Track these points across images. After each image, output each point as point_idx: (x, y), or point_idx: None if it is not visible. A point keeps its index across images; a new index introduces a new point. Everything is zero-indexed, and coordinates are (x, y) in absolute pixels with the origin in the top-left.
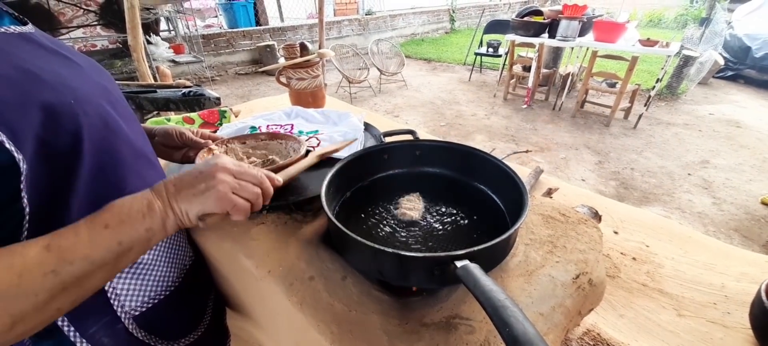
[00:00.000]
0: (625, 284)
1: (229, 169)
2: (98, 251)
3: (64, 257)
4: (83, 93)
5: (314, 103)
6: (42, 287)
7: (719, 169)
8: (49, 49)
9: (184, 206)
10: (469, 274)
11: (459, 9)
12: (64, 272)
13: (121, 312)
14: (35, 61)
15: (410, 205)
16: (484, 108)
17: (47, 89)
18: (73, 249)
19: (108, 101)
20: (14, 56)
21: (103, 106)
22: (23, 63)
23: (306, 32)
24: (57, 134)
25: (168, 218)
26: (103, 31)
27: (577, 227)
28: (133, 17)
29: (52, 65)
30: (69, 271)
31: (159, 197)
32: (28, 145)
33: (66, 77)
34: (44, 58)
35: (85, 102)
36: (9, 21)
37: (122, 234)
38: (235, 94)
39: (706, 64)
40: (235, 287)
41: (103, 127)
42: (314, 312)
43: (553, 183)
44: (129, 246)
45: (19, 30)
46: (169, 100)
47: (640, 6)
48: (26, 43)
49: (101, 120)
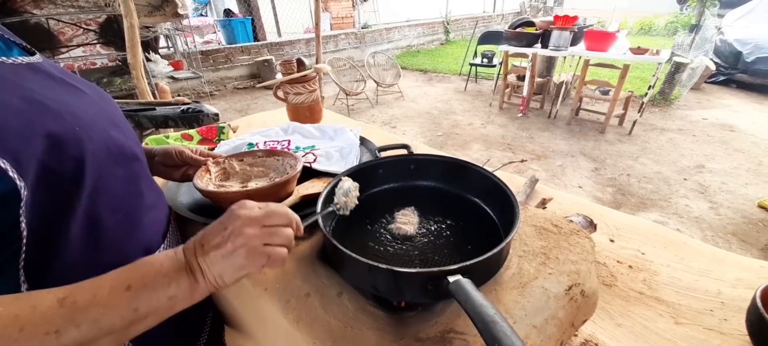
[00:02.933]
0: (622, 292)
1: (255, 217)
2: (110, 316)
3: (73, 318)
4: (88, 120)
5: (311, 117)
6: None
7: (715, 173)
8: (56, 78)
9: (217, 270)
10: (460, 289)
11: (453, 21)
12: (67, 335)
13: None
14: (42, 91)
15: (405, 219)
16: (480, 117)
17: (53, 118)
18: (85, 310)
19: (114, 126)
20: (22, 86)
21: (107, 131)
22: (30, 93)
23: (303, 46)
24: (61, 161)
25: (198, 286)
26: (103, 50)
27: (569, 237)
28: (133, 36)
29: (59, 94)
30: (72, 335)
31: (188, 261)
32: (30, 171)
33: (72, 105)
34: (51, 88)
35: (90, 128)
36: (18, 52)
37: (141, 300)
38: (233, 109)
39: (697, 69)
40: (232, 304)
41: (107, 155)
42: (310, 329)
43: (548, 193)
44: (145, 314)
45: (27, 60)
46: (167, 117)
47: (631, 15)
48: (34, 73)
49: (105, 146)
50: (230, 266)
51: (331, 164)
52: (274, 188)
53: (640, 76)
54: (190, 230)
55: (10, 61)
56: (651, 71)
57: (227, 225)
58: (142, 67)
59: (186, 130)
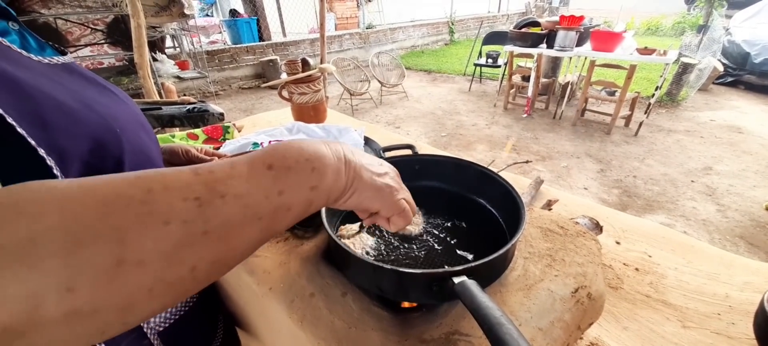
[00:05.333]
0: (629, 295)
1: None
2: (255, 193)
3: (214, 188)
4: (125, 122)
5: (316, 117)
6: (176, 215)
7: (722, 175)
8: (89, 79)
9: (358, 184)
10: (466, 290)
11: (458, 21)
12: (210, 207)
13: (147, 328)
14: (83, 91)
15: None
16: (485, 118)
17: (98, 118)
18: (225, 182)
19: (142, 128)
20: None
21: (139, 133)
22: (79, 94)
23: (308, 46)
24: (103, 160)
25: (339, 181)
26: (110, 49)
27: (575, 239)
28: (140, 36)
29: (96, 95)
30: (217, 208)
31: (335, 153)
32: (74, 171)
33: (110, 106)
34: (88, 88)
35: (127, 131)
36: (51, 52)
37: (286, 183)
38: (238, 108)
39: (705, 70)
40: (238, 304)
41: (140, 154)
42: (315, 329)
43: (554, 194)
44: (289, 204)
45: (62, 60)
46: (173, 116)
47: (638, 15)
48: (70, 73)
49: (139, 146)
50: (371, 189)
51: None
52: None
53: (646, 77)
54: None
55: (46, 60)
56: (658, 72)
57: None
58: (148, 67)
59: (191, 129)
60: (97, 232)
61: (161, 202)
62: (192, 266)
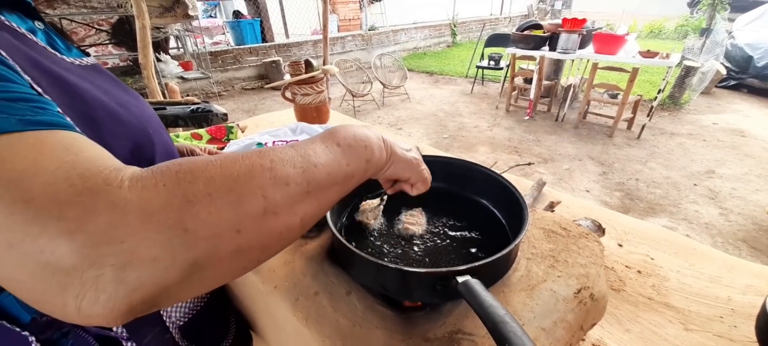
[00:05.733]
0: (631, 297)
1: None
2: (333, 164)
3: (308, 159)
4: (154, 123)
5: (318, 118)
6: (292, 178)
7: (725, 179)
8: (115, 80)
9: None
10: (469, 289)
11: (460, 23)
12: (308, 173)
13: (169, 322)
14: (116, 93)
15: (413, 219)
16: (487, 120)
17: (136, 120)
18: (315, 155)
19: (163, 129)
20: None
21: (162, 134)
22: (115, 96)
23: (310, 48)
24: (139, 161)
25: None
26: (115, 50)
27: (578, 240)
28: (145, 36)
29: (126, 96)
30: (313, 174)
31: (375, 135)
32: None
33: (140, 108)
34: (117, 89)
35: (156, 132)
36: (77, 52)
37: (350, 157)
38: (241, 109)
39: (708, 74)
40: (245, 304)
41: (165, 154)
42: (319, 327)
43: (556, 196)
44: (353, 172)
45: (91, 62)
46: (178, 116)
47: (640, 18)
48: (99, 74)
49: (164, 147)
50: (403, 161)
51: None
52: None
53: (649, 80)
54: None
55: (78, 62)
56: (661, 75)
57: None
58: (152, 68)
59: (195, 129)
60: (250, 189)
61: (281, 170)
62: (301, 217)
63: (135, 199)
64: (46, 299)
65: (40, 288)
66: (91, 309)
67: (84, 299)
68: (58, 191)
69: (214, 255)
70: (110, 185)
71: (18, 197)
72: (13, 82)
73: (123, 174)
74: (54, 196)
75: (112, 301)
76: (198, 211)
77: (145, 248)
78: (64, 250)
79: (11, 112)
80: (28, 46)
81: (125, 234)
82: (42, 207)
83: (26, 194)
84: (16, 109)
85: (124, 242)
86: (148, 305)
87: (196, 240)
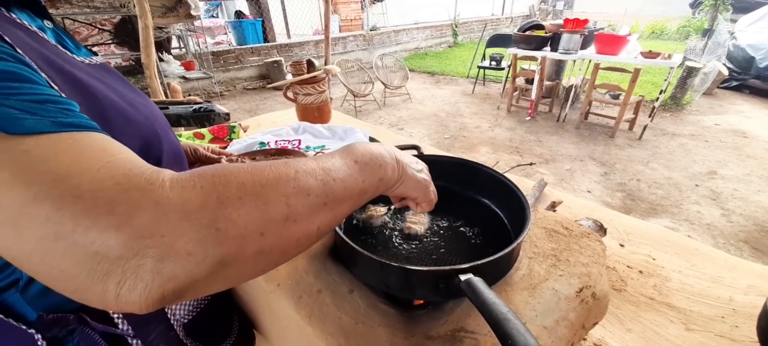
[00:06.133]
0: (632, 297)
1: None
2: (349, 180)
3: (328, 173)
4: (162, 122)
5: (320, 118)
6: (313, 189)
7: (727, 179)
8: (123, 80)
9: (405, 178)
10: (472, 287)
11: (461, 23)
12: (327, 186)
13: (173, 320)
14: (125, 92)
15: (415, 219)
16: (488, 120)
17: (144, 119)
18: (334, 170)
19: (169, 128)
20: (114, 88)
21: (168, 133)
22: (124, 95)
23: (312, 48)
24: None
25: (394, 174)
26: (117, 50)
27: (580, 240)
28: (147, 36)
29: (134, 95)
30: (331, 187)
31: (390, 154)
32: None
33: (148, 107)
34: (126, 88)
35: (163, 131)
36: (86, 52)
37: (365, 174)
38: (243, 109)
39: (710, 74)
40: (248, 302)
41: (172, 153)
42: (322, 325)
43: (558, 196)
44: (366, 188)
45: (100, 61)
46: (180, 116)
47: (642, 18)
48: (108, 73)
49: (171, 146)
50: (413, 180)
51: None
52: None
53: (651, 81)
54: None
55: (87, 61)
56: (662, 76)
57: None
58: (155, 67)
59: (198, 128)
60: (275, 197)
61: (304, 181)
62: (318, 226)
63: (176, 197)
64: (87, 286)
65: (84, 275)
66: (129, 296)
67: (124, 286)
68: (105, 188)
69: (240, 254)
70: (153, 183)
71: (67, 193)
72: (37, 83)
73: (163, 176)
74: (102, 192)
75: (148, 289)
76: (229, 213)
77: (182, 242)
78: (112, 241)
79: (44, 113)
80: (41, 43)
81: (166, 229)
82: (92, 203)
83: (75, 191)
84: (47, 111)
85: (164, 236)
86: (177, 295)
87: (226, 239)
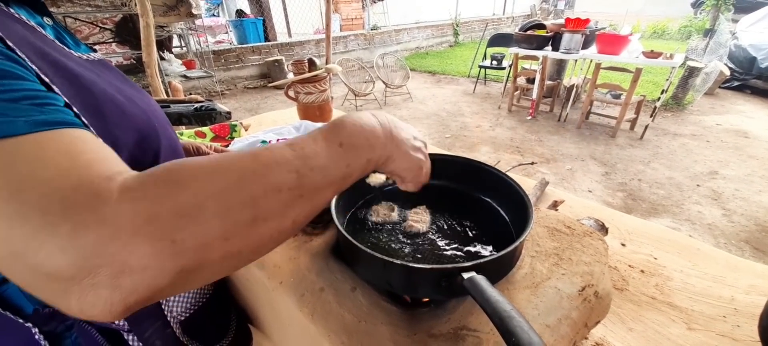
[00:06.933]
0: (634, 296)
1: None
2: (332, 166)
3: (306, 163)
4: (161, 118)
5: (321, 117)
6: (285, 184)
7: (728, 180)
8: (122, 76)
9: (396, 156)
10: (475, 285)
11: (462, 23)
12: (304, 178)
13: (170, 317)
14: (123, 87)
15: (417, 217)
16: (489, 120)
17: (141, 113)
18: (314, 157)
19: (168, 124)
20: (111, 82)
21: (168, 129)
22: (122, 89)
23: (313, 47)
24: (144, 152)
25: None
26: (118, 48)
27: (582, 239)
28: (148, 35)
29: (133, 91)
30: (308, 177)
31: (384, 128)
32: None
33: (146, 102)
34: (125, 84)
35: (163, 126)
36: (85, 48)
37: (351, 157)
38: (244, 108)
39: (711, 74)
40: (248, 299)
41: (170, 149)
42: (325, 323)
43: (559, 195)
44: (352, 172)
45: (98, 57)
46: (181, 114)
47: (644, 18)
48: (107, 69)
49: (170, 142)
50: (405, 160)
51: None
52: None
53: (652, 81)
54: None
55: (85, 57)
56: (664, 75)
57: (415, 135)
58: (156, 66)
59: (199, 127)
60: (240, 199)
61: (274, 176)
62: (293, 219)
63: (124, 212)
64: (53, 301)
65: (47, 292)
66: (92, 310)
67: (84, 302)
68: (52, 205)
69: (203, 261)
70: (99, 197)
71: (17, 212)
72: (16, 78)
73: (114, 184)
74: (48, 211)
75: (110, 303)
76: (185, 223)
77: (136, 259)
78: (61, 263)
79: (15, 113)
80: (37, 38)
81: (115, 248)
82: (38, 224)
83: (24, 208)
84: (19, 110)
85: (115, 254)
86: (143, 303)
87: (184, 250)
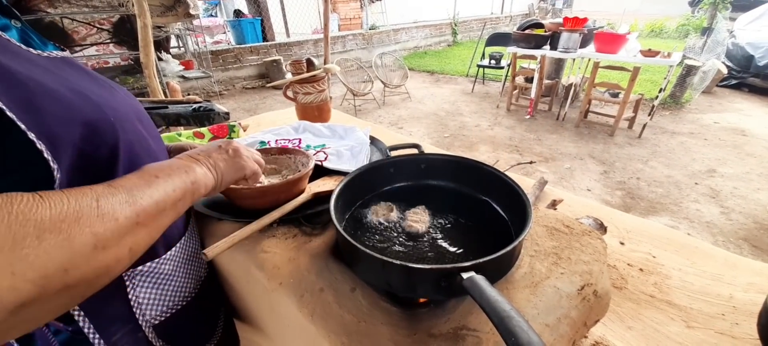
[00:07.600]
0: (633, 295)
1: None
2: (158, 192)
3: (131, 192)
4: (122, 112)
5: (320, 117)
6: (121, 212)
7: (726, 178)
8: (88, 72)
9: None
10: (475, 285)
11: (461, 22)
12: (136, 204)
13: (142, 321)
14: (81, 82)
15: (416, 217)
16: (488, 119)
17: (92, 107)
18: (137, 187)
19: (139, 121)
20: (64, 77)
21: (135, 125)
22: (73, 83)
23: (311, 47)
24: (97, 147)
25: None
26: (116, 49)
27: (581, 238)
28: (146, 36)
29: (94, 86)
30: (140, 203)
31: (194, 160)
32: (66, 156)
33: (107, 97)
34: (86, 80)
35: (123, 120)
36: (52, 46)
37: (175, 182)
38: (242, 108)
39: (709, 73)
40: (246, 299)
41: (137, 144)
42: (325, 323)
43: (558, 194)
44: (181, 195)
45: (61, 54)
46: (179, 115)
47: (641, 17)
48: (69, 66)
49: (135, 137)
50: (232, 166)
51: (342, 163)
52: (287, 185)
53: (650, 79)
54: (206, 225)
55: (46, 54)
56: (662, 74)
57: (220, 144)
58: (154, 66)
59: (197, 128)
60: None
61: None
62: (130, 247)
63: None
64: None
65: None
66: None
67: None
68: None
69: (42, 294)
70: None
71: None
72: None
73: None
74: None
75: None
76: (26, 254)
77: None
78: None
79: None
80: None
81: None
82: None
83: None
84: None
85: None
86: None
87: (24, 282)
